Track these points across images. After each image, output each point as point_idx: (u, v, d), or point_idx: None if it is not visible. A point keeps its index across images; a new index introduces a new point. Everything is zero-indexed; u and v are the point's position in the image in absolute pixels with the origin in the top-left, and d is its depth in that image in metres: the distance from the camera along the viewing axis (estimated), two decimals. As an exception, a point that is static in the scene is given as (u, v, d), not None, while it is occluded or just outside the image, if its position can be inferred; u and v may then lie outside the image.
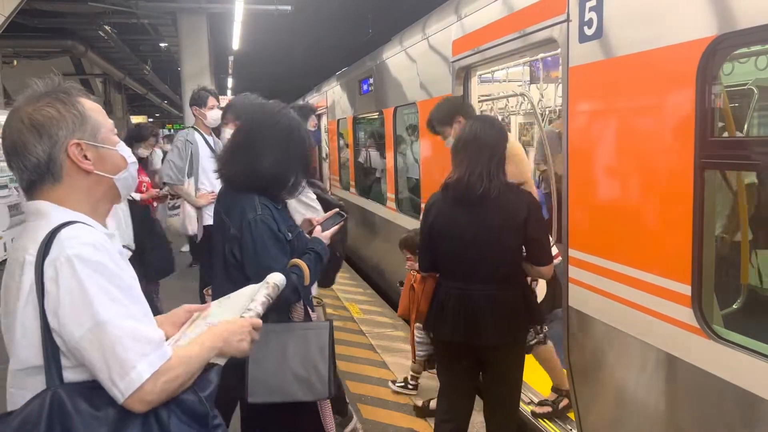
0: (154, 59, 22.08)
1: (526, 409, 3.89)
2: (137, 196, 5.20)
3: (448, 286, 2.86)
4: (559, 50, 3.15)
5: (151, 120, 35.85)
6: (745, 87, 4.15)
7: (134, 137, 6.17)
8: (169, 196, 5.93)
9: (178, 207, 5.57)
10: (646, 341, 2.61)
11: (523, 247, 2.83)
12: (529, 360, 4.07)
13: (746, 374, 2.14)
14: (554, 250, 4.50)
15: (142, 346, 1.36)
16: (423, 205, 5.47)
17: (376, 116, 7.60)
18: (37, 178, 1.45)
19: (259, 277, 1.96)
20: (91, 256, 1.36)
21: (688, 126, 2.31)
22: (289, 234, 2.37)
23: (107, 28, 15.15)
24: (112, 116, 22.23)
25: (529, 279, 3.05)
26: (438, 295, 2.89)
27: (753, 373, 2.12)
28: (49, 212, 1.44)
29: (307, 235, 2.57)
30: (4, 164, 9.94)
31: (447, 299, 2.82)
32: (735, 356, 2.19)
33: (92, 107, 1.54)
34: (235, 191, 2.39)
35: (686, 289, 2.36)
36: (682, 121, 2.35)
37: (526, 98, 6.18)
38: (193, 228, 5.01)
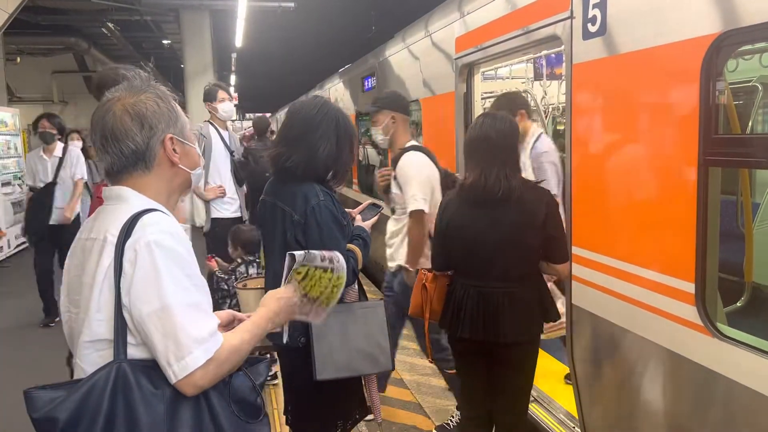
0: (157, 56, 22.07)
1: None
2: None
3: (465, 284, 2.82)
4: (562, 47, 3.14)
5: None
6: (750, 84, 4.14)
7: None
8: None
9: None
10: (649, 339, 2.61)
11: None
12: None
13: (750, 372, 2.14)
14: None
15: (201, 333, 1.45)
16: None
17: (379, 113, 7.58)
18: (130, 164, 1.57)
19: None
20: (168, 244, 1.47)
21: (692, 123, 2.30)
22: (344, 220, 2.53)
23: (110, 25, 15.14)
24: (115, 113, 22.23)
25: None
26: (455, 294, 2.86)
27: (756, 371, 2.11)
28: (129, 198, 1.56)
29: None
30: (8, 161, 9.88)
31: (465, 298, 2.80)
32: (738, 354, 2.18)
33: (179, 106, 1.69)
34: (288, 181, 2.49)
35: (690, 287, 2.35)
36: (686, 119, 2.34)
37: (529, 95, 6.17)
38: (200, 220, 5.07)
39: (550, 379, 4.12)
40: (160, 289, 1.42)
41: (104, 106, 1.58)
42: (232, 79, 28.60)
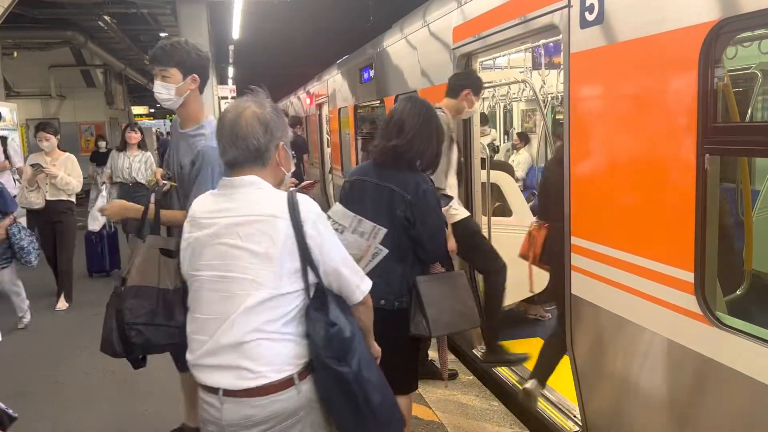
0: (154, 49, 21.95)
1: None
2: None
3: None
4: (560, 36, 3.12)
5: (152, 110, 35.70)
6: (749, 71, 4.11)
7: None
8: None
9: None
10: (649, 328, 2.61)
11: None
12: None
13: (749, 361, 2.14)
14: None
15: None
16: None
17: (378, 105, 7.57)
18: (251, 159, 1.98)
19: (432, 235, 2.84)
20: (323, 214, 2.03)
21: (690, 112, 2.29)
22: None
23: (107, 18, 15.06)
24: (114, 107, 21.72)
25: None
26: None
27: (756, 359, 2.11)
28: (264, 185, 1.99)
29: None
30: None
31: None
32: (738, 343, 2.18)
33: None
34: (393, 168, 2.90)
35: (689, 276, 2.35)
36: (684, 107, 2.33)
37: (527, 85, 6.15)
38: None
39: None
40: (337, 244, 2.03)
41: (236, 110, 2.00)
42: (230, 71, 28.51)
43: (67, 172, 6.69)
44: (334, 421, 1.99)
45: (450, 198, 3.36)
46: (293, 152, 2.55)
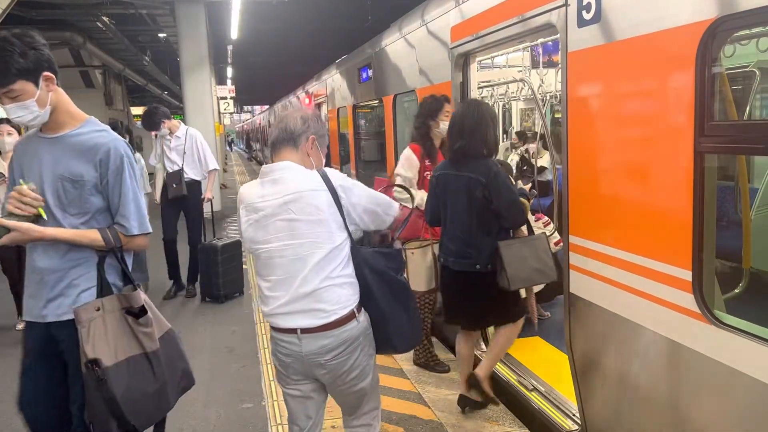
0: (153, 50, 21.97)
1: (524, 391, 3.90)
2: None
3: None
4: (558, 35, 3.12)
5: (151, 111, 35.59)
6: (747, 69, 4.12)
7: None
8: None
9: None
10: (647, 327, 2.61)
11: None
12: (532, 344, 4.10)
13: (748, 359, 2.14)
14: (555, 237, 4.50)
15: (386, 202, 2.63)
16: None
17: (376, 104, 7.56)
18: (285, 139, 2.47)
19: (508, 206, 3.42)
20: (345, 177, 2.48)
21: (687, 110, 2.29)
22: None
23: (105, 18, 15.06)
24: (113, 108, 21.65)
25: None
26: None
27: (755, 358, 2.11)
28: (297, 167, 2.43)
29: None
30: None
31: None
32: (736, 341, 2.18)
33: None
34: (467, 160, 3.52)
35: (687, 275, 2.35)
36: (681, 106, 2.33)
37: (526, 84, 6.14)
38: None
39: (551, 369, 4.13)
40: (364, 190, 2.49)
41: (287, 111, 2.54)
42: (229, 71, 28.48)
43: None
44: (391, 329, 2.50)
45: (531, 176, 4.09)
46: None
